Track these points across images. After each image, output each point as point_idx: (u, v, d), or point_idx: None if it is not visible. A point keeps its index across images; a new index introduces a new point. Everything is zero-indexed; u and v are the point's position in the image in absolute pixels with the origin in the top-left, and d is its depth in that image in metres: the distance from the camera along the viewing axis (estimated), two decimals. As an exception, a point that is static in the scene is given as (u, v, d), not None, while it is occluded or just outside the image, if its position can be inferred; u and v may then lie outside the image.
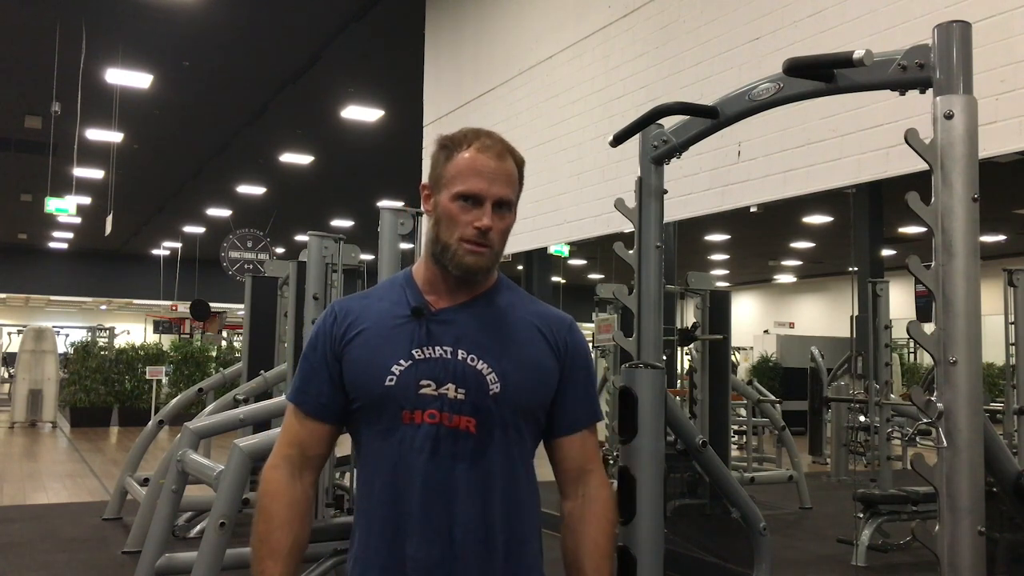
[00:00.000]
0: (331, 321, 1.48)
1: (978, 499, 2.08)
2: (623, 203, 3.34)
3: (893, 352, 6.64)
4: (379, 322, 1.45)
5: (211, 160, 15.18)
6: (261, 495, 1.44)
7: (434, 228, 1.45)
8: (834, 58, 2.43)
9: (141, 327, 28.16)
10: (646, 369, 3.05)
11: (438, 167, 1.46)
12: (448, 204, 1.42)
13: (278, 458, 1.47)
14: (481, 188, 1.40)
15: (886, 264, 6.97)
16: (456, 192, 1.41)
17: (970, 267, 2.13)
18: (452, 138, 1.46)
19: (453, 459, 1.39)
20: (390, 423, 1.40)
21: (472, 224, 1.40)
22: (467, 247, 1.41)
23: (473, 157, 1.42)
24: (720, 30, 5.40)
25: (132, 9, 9.07)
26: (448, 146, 1.45)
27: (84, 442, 11.70)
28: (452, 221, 1.42)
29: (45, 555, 5.42)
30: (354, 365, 1.44)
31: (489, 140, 1.44)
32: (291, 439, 1.48)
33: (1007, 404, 5.43)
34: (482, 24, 8.17)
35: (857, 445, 7.48)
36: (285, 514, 1.42)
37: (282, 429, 1.51)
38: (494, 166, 1.42)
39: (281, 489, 1.44)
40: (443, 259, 1.44)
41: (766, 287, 15.53)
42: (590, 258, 9.83)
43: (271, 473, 1.46)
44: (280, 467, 1.46)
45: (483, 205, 1.41)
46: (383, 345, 1.43)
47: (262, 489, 1.45)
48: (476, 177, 1.41)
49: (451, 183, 1.42)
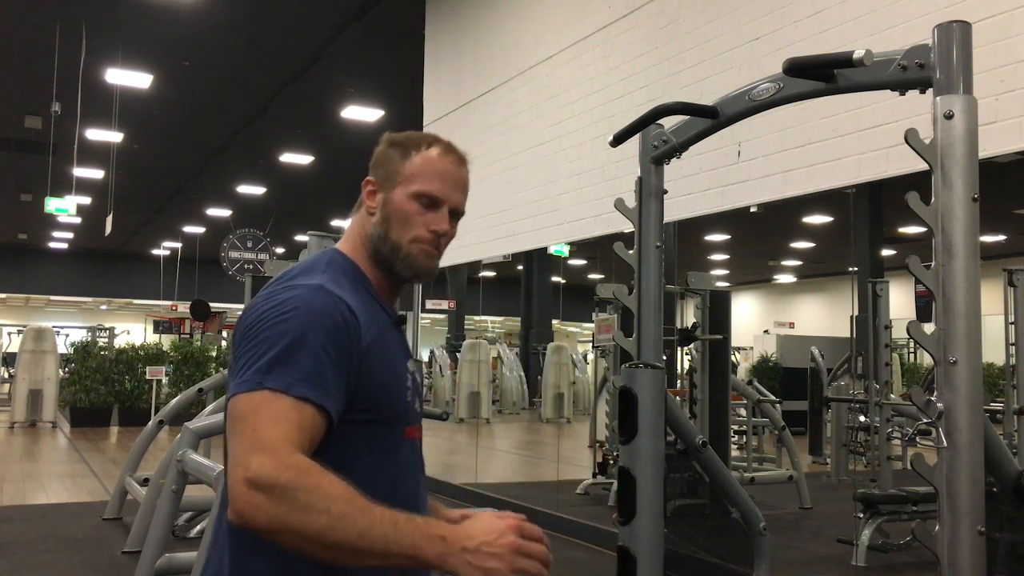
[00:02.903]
0: (347, 313, 1.24)
1: (978, 499, 2.09)
2: (623, 203, 3.34)
3: (893, 352, 6.64)
4: (379, 327, 1.31)
5: (211, 160, 15.18)
6: (295, 473, 1.09)
7: (381, 226, 1.36)
8: (834, 58, 2.43)
9: (141, 327, 28.17)
10: (646, 369, 3.06)
11: (390, 164, 1.38)
12: (404, 202, 1.35)
13: (286, 449, 1.11)
14: (443, 192, 1.36)
15: (886, 264, 6.97)
16: (415, 191, 1.35)
17: (970, 267, 2.13)
18: (408, 137, 1.41)
19: (421, 471, 1.40)
20: (395, 440, 1.32)
21: (429, 227, 1.35)
22: (422, 248, 1.36)
23: (437, 158, 1.37)
24: (720, 30, 5.40)
25: (132, 9, 9.07)
26: (404, 144, 1.39)
27: (84, 442, 11.70)
28: (407, 221, 1.35)
29: (45, 555, 5.42)
30: (377, 375, 1.27)
31: (448, 144, 1.40)
32: (298, 431, 1.14)
33: (1007, 404, 5.43)
34: (482, 24, 8.17)
35: (857, 445, 7.48)
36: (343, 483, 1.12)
37: (271, 425, 1.12)
38: (455, 172, 1.38)
39: (316, 466, 1.12)
40: (392, 259, 1.36)
41: (766, 287, 15.54)
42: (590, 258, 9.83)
43: (290, 460, 1.10)
44: (288, 449, 1.12)
45: (440, 209, 1.36)
46: (392, 356, 1.33)
47: (291, 472, 1.09)
48: (439, 179, 1.36)
49: (409, 181, 1.35)
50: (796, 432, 8.09)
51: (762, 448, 8.45)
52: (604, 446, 7.80)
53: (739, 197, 5.24)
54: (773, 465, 7.94)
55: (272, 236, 15.49)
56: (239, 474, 1.10)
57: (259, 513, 1.08)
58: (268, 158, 15.05)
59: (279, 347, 1.17)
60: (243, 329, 1.24)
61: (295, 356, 1.17)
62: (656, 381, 3.02)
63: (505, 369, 16.10)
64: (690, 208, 5.49)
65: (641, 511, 2.93)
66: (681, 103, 3.04)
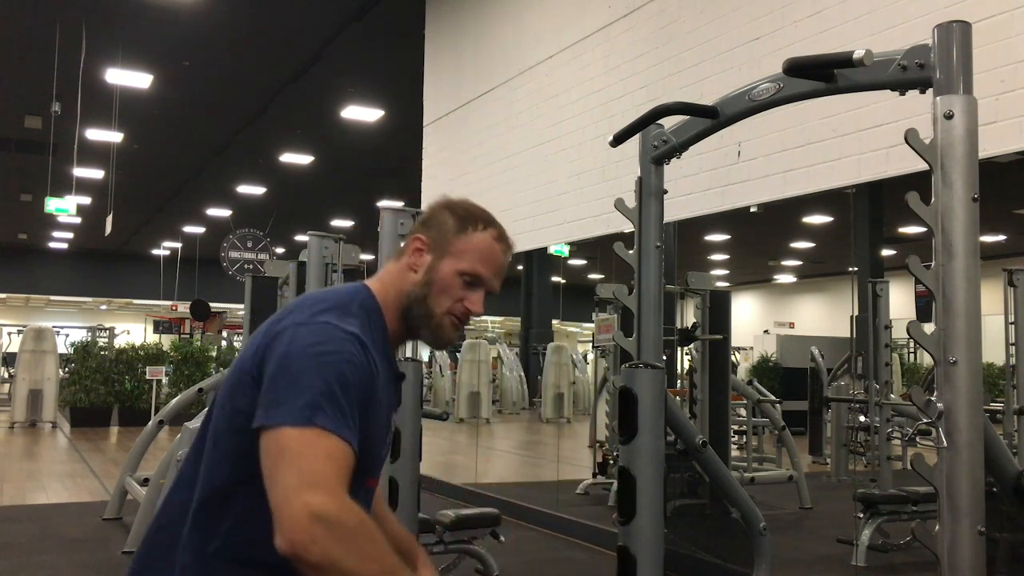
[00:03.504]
0: (373, 372, 1.30)
1: (978, 499, 2.09)
2: (623, 203, 3.34)
3: (893, 352, 6.63)
4: (383, 375, 1.35)
5: (211, 160, 15.18)
6: (358, 520, 1.16)
7: (421, 288, 1.40)
8: (834, 58, 2.43)
9: (141, 327, 28.16)
10: (646, 369, 3.06)
11: (446, 232, 1.42)
12: (450, 276, 1.40)
13: (342, 488, 1.17)
14: (488, 276, 1.42)
15: (886, 264, 6.97)
16: (464, 269, 1.40)
17: (970, 267, 2.13)
18: (468, 210, 1.45)
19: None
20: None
21: (464, 303, 1.41)
22: (452, 322, 1.42)
23: (493, 245, 1.43)
24: (720, 30, 5.40)
25: (132, 9, 9.07)
26: (463, 216, 1.43)
27: (84, 442, 11.70)
28: (448, 293, 1.40)
29: (45, 555, 5.41)
30: (369, 432, 1.30)
31: (504, 232, 1.46)
32: (346, 470, 1.20)
33: (1007, 404, 5.43)
34: (482, 24, 8.17)
35: (857, 445, 7.48)
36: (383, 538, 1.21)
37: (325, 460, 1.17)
38: (502, 261, 1.45)
39: (364, 514, 1.19)
40: (420, 323, 1.41)
41: (766, 287, 15.53)
42: (590, 258, 9.83)
43: (349, 503, 1.16)
44: (346, 493, 1.18)
45: (479, 290, 1.42)
46: (381, 413, 1.36)
47: (355, 516, 1.16)
48: (488, 264, 1.42)
49: (460, 256, 1.41)
50: (796, 432, 8.09)
51: (762, 448, 8.44)
52: (604, 446, 7.80)
53: (739, 197, 5.24)
54: (773, 465, 7.93)
55: (272, 236, 15.50)
56: (300, 505, 1.12)
57: (316, 547, 1.11)
58: (268, 158, 15.05)
59: (327, 387, 1.21)
60: (280, 357, 1.24)
61: (341, 400, 1.21)
62: (656, 381, 3.03)
63: (505, 369, 16.10)
64: (690, 208, 5.49)
65: (641, 511, 2.93)
66: (681, 103, 3.04)
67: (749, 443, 7.83)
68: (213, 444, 1.32)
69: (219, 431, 1.32)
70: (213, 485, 1.30)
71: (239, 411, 1.27)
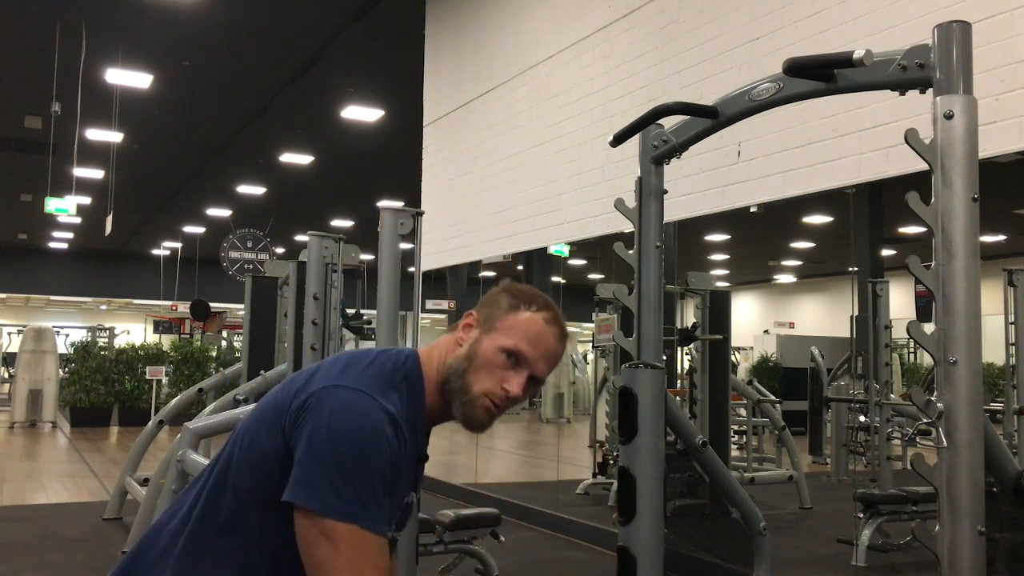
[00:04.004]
0: (400, 441, 1.28)
1: (978, 499, 2.09)
2: (623, 203, 3.34)
3: (893, 352, 6.63)
4: (408, 456, 1.33)
5: (211, 160, 15.17)
6: None
7: (463, 362, 1.37)
8: (834, 58, 2.43)
9: (141, 327, 28.15)
10: (646, 369, 3.06)
11: (498, 310, 1.40)
12: (492, 351, 1.36)
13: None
14: (532, 356, 1.37)
15: (886, 264, 6.96)
16: (507, 345, 1.36)
17: (970, 267, 2.13)
18: (525, 292, 1.42)
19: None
20: None
21: (503, 385, 1.36)
22: (487, 404, 1.37)
23: (542, 325, 1.39)
24: (720, 30, 5.40)
25: (132, 9, 9.07)
26: (517, 296, 1.41)
27: (84, 442, 11.70)
28: (488, 370, 1.36)
29: (45, 555, 5.41)
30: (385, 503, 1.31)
31: (558, 316, 1.42)
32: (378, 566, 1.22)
33: (1007, 404, 5.43)
34: (482, 24, 8.17)
35: (857, 445, 7.47)
36: None
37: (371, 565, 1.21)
38: (553, 346, 1.40)
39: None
40: (454, 397, 1.36)
41: (766, 287, 15.52)
42: (590, 258, 9.82)
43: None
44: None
45: (522, 371, 1.37)
46: (403, 484, 1.33)
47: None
48: (533, 344, 1.37)
49: (507, 333, 1.37)
50: (796, 432, 8.09)
51: (762, 448, 8.44)
52: (604, 446, 7.80)
53: (739, 197, 5.24)
54: (773, 465, 7.93)
55: (272, 236, 15.50)
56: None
57: None
58: (268, 158, 15.05)
59: (370, 483, 1.21)
60: (320, 433, 1.21)
61: (379, 494, 1.22)
62: (656, 381, 3.03)
63: (505, 369, 16.08)
64: (690, 208, 5.49)
65: (641, 511, 2.93)
66: (681, 103, 3.04)
67: (749, 443, 7.83)
68: (223, 472, 1.30)
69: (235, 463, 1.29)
70: (216, 518, 1.28)
71: (264, 451, 1.26)
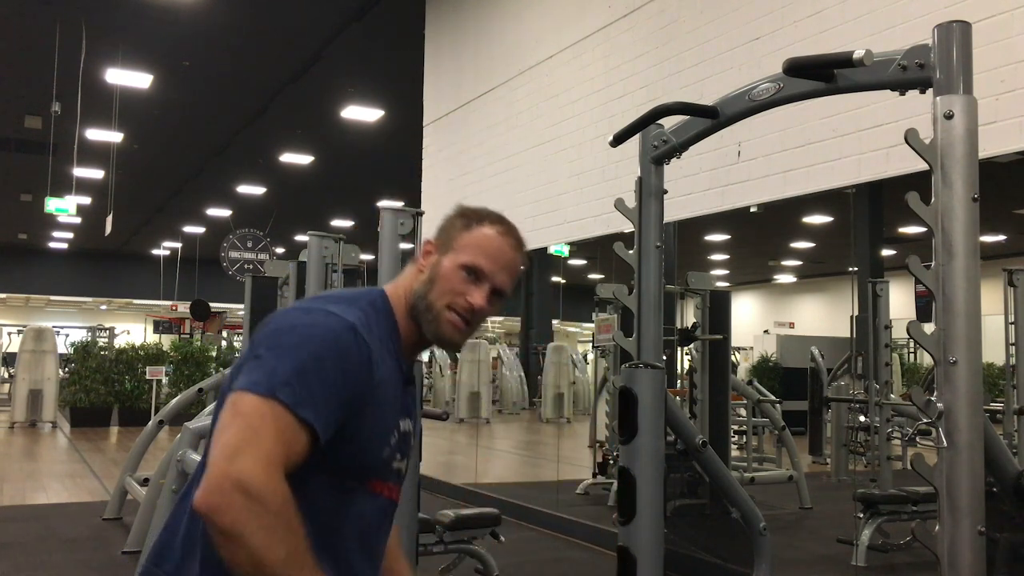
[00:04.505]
0: (367, 363, 1.27)
1: (978, 499, 2.09)
2: (623, 203, 3.34)
3: (893, 352, 6.63)
4: (390, 377, 1.33)
5: (211, 160, 15.18)
6: (282, 501, 1.13)
7: (425, 285, 1.40)
8: (834, 58, 2.43)
9: (141, 327, 28.16)
10: (646, 369, 3.06)
11: (452, 231, 1.43)
12: (451, 269, 1.39)
13: (277, 463, 1.14)
14: (489, 269, 1.40)
15: (886, 264, 6.96)
16: (464, 262, 1.40)
17: (970, 267, 2.13)
18: (476, 211, 1.46)
19: (386, 529, 1.42)
20: (355, 485, 1.31)
21: (466, 296, 1.39)
22: (450, 317, 1.39)
23: (494, 236, 1.43)
24: (720, 30, 5.40)
25: (132, 9, 9.07)
26: (469, 216, 1.45)
27: (84, 442, 11.70)
28: (448, 285, 1.39)
29: (45, 555, 5.41)
30: (365, 431, 1.29)
31: (510, 227, 1.47)
32: (289, 447, 1.16)
33: (1007, 404, 5.43)
34: (482, 24, 8.17)
35: (857, 445, 7.48)
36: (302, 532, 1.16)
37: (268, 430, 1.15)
38: (508, 256, 1.43)
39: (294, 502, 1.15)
40: (422, 318, 1.39)
41: (766, 287, 15.53)
42: (590, 258, 9.83)
43: (278, 481, 1.14)
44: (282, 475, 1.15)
45: (483, 284, 1.40)
46: (389, 407, 1.33)
47: (279, 497, 1.13)
48: (490, 257, 1.41)
49: (462, 251, 1.40)
50: (796, 432, 8.09)
51: (762, 448, 8.44)
52: (604, 446, 7.79)
53: (739, 197, 5.24)
54: (773, 465, 7.93)
55: (272, 236, 15.50)
56: (227, 466, 1.11)
57: (229, 513, 1.09)
58: (268, 158, 15.05)
59: (300, 363, 1.20)
60: (270, 328, 1.26)
61: (311, 378, 1.20)
62: (656, 381, 3.02)
63: (505, 369, 16.09)
64: (690, 208, 5.49)
65: (641, 511, 2.93)
66: (681, 103, 3.04)
67: (749, 443, 7.83)
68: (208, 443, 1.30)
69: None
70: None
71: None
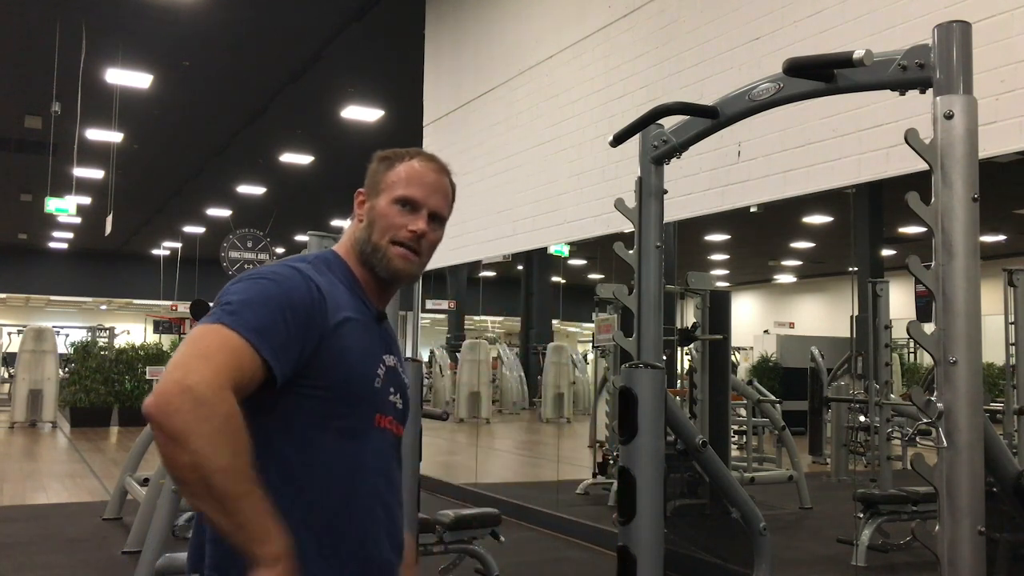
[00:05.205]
0: (316, 294, 1.33)
1: (978, 499, 2.09)
2: (623, 203, 3.34)
3: (893, 352, 6.64)
4: (358, 315, 1.40)
5: (211, 160, 15.18)
6: (229, 411, 1.16)
7: (366, 230, 1.46)
8: (834, 58, 2.43)
9: (141, 327, 28.16)
10: (646, 369, 3.06)
11: (377, 175, 1.50)
12: (385, 207, 1.45)
13: (225, 378, 1.18)
14: (421, 196, 1.46)
15: (886, 264, 6.97)
16: (396, 196, 1.45)
17: (970, 267, 2.13)
18: (394, 151, 1.52)
19: (396, 464, 1.47)
20: (357, 423, 1.37)
21: (407, 227, 1.44)
22: (398, 250, 1.45)
23: (415, 167, 1.48)
24: (720, 30, 5.40)
25: (132, 9, 9.07)
26: (389, 158, 1.51)
27: (84, 442, 11.70)
28: (387, 223, 1.45)
29: (45, 555, 5.42)
30: (345, 355, 1.34)
31: (430, 155, 1.52)
32: (237, 368, 1.20)
33: (1007, 404, 5.43)
34: (482, 24, 8.17)
35: (857, 445, 7.48)
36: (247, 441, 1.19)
37: (217, 350, 1.20)
38: (434, 179, 1.48)
39: (241, 415, 1.18)
40: (372, 260, 1.45)
41: (766, 287, 15.54)
42: (590, 258, 9.83)
43: (226, 393, 1.17)
44: (231, 391, 1.18)
45: (419, 212, 1.46)
46: (369, 343, 1.41)
47: (226, 407, 1.16)
48: (417, 186, 1.46)
49: (390, 188, 1.46)
50: (796, 432, 8.09)
51: (762, 448, 8.44)
52: (604, 446, 7.80)
53: (739, 197, 5.24)
54: (773, 465, 7.93)
55: (272, 236, 15.47)
56: (178, 375, 1.15)
57: (177, 417, 1.13)
58: (268, 158, 15.05)
59: (244, 299, 1.28)
60: (226, 287, 1.35)
61: (254, 310, 1.27)
62: (656, 381, 3.02)
63: (505, 369, 16.09)
64: (690, 208, 5.49)
65: (641, 511, 2.93)
66: (681, 103, 3.04)
67: (749, 443, 7.83)
68: None
69: None
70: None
71: None
